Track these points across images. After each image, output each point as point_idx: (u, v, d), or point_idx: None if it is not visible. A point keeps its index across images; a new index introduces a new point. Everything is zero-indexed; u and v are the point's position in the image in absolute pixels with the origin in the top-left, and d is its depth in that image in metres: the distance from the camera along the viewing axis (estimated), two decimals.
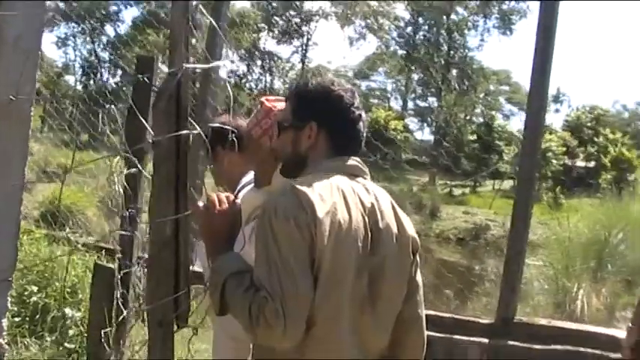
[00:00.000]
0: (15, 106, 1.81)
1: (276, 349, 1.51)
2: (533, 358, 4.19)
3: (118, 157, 2.97)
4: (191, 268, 1.78)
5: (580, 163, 34.35)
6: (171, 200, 1.51)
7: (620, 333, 4.53)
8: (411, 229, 1.74)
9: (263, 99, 2.22)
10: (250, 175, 2.38)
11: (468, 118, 43.98)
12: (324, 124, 1.69)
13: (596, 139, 34.08)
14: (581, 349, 4.06)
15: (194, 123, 1.57)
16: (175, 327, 1.60)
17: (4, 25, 1.75)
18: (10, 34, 1.71)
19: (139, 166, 2.05)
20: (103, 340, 2.52)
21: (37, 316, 3.91)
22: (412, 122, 46.32)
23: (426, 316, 1.84)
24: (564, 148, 31.79)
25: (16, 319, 3.83)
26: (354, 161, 1.70)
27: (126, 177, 2.70)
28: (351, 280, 1.54)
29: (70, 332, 3.81)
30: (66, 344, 3.68)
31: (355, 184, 1.65)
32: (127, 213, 2.75)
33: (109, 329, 2.65)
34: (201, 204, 1.66)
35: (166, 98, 1.44)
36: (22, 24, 1.69)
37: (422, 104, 47.10)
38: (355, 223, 1.56)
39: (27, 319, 3.93)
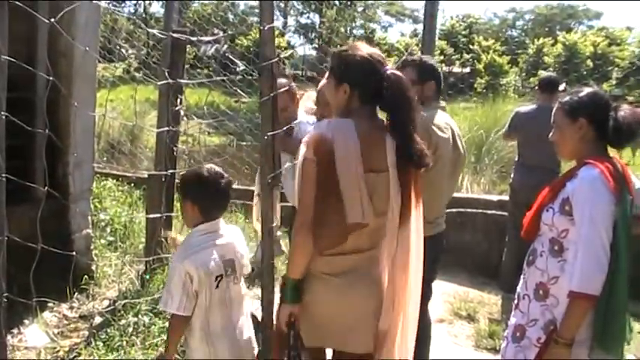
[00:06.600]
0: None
1: None
2: None
3: None
4: None
5: (456, 69, 35.89)
6: (270, 124, 2.81)
7: (493, 197, 6.31)
8: None
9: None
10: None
11: (349, 32, 44.81)
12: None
13: (471, 47, 35.61)
14: (470, 209, 5.78)
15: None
16: None
17: None
18: None
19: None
20: None
21: None
22: (293, 38, 47.22)
23: None
24: (441, 57, 33.43)
25: None
26: None
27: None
28: None
29: None
30: None
31: None
32: None
33: None
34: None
35: (269, 72, 2.72)
36: None
37: (303, 21, 47.90)
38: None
39: None
